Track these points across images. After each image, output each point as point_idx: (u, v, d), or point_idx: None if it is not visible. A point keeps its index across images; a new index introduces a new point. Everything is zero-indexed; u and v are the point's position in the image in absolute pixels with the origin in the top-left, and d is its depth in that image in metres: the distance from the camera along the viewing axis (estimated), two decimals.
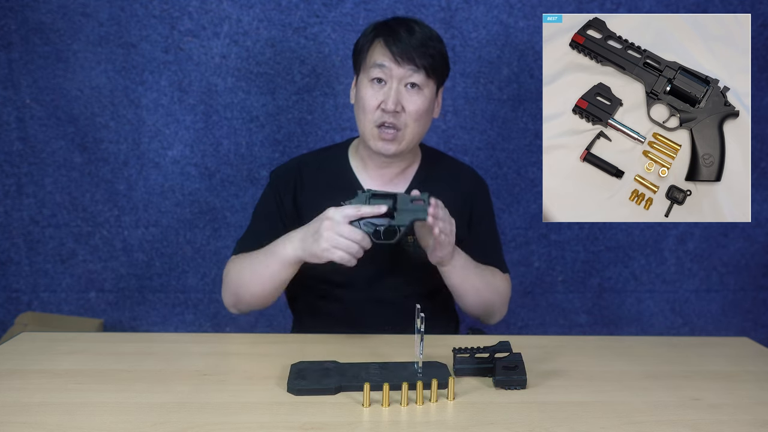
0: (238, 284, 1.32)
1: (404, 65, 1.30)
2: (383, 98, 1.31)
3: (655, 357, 1.22)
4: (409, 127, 1.33)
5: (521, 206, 2.15)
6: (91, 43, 2.01)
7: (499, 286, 1.40)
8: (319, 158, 1.47)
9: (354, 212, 1.15)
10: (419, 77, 1.31)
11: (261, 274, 1.28)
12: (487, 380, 1.08)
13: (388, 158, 1.37)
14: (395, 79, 1.31)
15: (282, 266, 1.25)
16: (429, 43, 1.32)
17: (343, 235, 1.14)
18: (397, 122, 1.32)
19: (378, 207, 1.15)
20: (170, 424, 0.90)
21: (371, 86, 1.33)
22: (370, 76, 1.33)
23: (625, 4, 2.06)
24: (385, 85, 1.32)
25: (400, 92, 1.31)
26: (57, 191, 2.08)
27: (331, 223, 1.15)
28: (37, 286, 2.12)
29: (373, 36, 1.35)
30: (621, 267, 2.20)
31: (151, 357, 1.17)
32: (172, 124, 2.06)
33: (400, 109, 1.31)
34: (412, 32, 1.32)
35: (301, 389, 1.00)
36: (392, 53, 1.30)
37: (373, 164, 1.40)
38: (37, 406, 0.96)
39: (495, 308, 1.40)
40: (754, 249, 2.21)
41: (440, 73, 1.36)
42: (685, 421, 0.95)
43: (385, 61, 1.31)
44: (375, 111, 1.32)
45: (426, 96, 1.33)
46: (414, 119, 1.32)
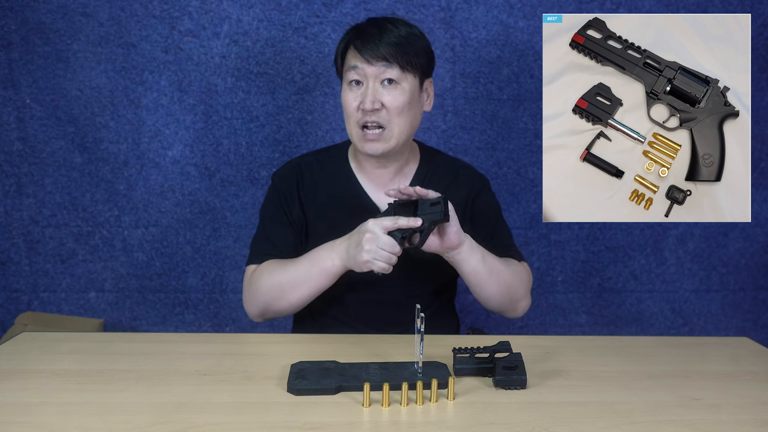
0: (273, 293, 1.32)
1: (375, 63, 1.30)
2: (361, 98, 1.32)
3: (655, 357, 1.22)
4: (393, 123, 1.32)
5: (521, 206, 2.15)
6: (91, 43, 2.01)
7: (518, 270, 1.39)
8: (319, 158, 1.47)
9: (392, 224, 1.20)
10: (393, 72, 1.31)
11: (303, 284, 1.30)
12: (487, 380, 1.08)
13: (380, 159, 1.37)
14: (370, 78, 1.32)
15: (326, 277, 1.29)
16: (402, 41, 1.31)
17: (384, 247, 1.19)
18: (379, 120, 1.32)
19: (414, 220, 1.20)
20: (170, 424, 0.90)
21: (350, 89, 1.34)
22: (347, 80, 1.34)
23: (625, 4, 2.06)
24: (363, 86, 1.33)
25: (377, 90, 1.31)
26: (57, 191, 2.08)
27: (372, 235, 1.20)
28: (37, 286, 2.12)
29: (345, 42, 1.36)
30: (621, 267, 2.20)
31: (151, 357, 1.17)
32: (172, 124, 2.06)
33: (379, 107, 1.31)
34: (384, 30, 1.32)
35: (301, 389, 1.00)
36: (362, 54, 1.31)
37: (370, 165, 1.41)
38: (37, 406, 0.96)
39: (519, 294, 1.38)
40: (754, 249, 2.21)
41: (419, 66, 1.34)
42: (685, 421, 0.95)
43: (358, 62, 1.32)
44: (356, 112, 1.33)
45: (405, 89, 1.32)
46: (396, 114, 1.32)
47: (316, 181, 1.43)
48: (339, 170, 1.44)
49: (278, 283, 1.31)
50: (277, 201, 1.42)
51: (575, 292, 2.20)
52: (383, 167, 1.40)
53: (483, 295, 1.35)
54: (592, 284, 2.20)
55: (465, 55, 2.07)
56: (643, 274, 2.21)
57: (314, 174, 1.44)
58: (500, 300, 1.36)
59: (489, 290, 1.34)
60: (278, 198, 1.42)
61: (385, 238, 1.19)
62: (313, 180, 1.43)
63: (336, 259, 1.27)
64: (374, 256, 1.20)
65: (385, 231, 1.20)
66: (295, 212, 1.41)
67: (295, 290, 1.31)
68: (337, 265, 1.27)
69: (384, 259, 1.20)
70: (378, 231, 1.20)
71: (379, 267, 1.20)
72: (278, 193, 1.43)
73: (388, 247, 1.19)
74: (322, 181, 1.43)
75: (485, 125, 2.11)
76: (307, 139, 2.09)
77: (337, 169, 1.44)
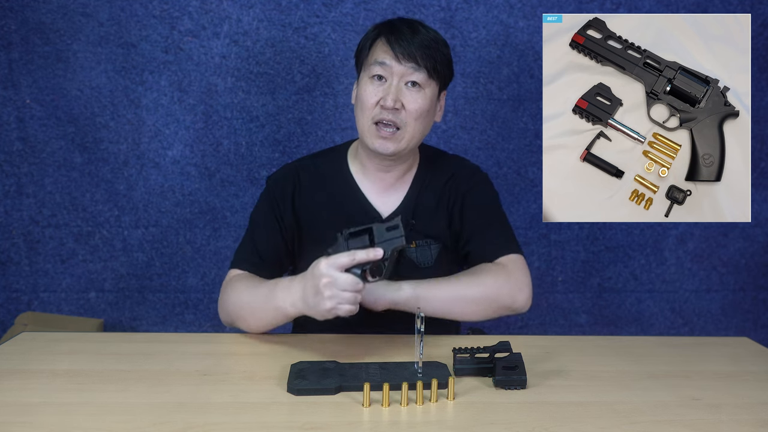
0: (235, 314, 1.29)
1: (405, 63, 1.28)
2: (383, 95, 1.29)
3: (655, 357, 1.22)
4: (409, 126, 1.30)
5: (521, 206, 2.15)
6: (91, 43, 2.01)
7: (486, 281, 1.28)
8: (317, 162, 1.43)
9: (349, 261, 1.08)
10: (420, 76, 1.29)
11: (259, 317, 1.25)
12: (487, 380, 1.08)
13: (388, 159, 1.34)
14: (396, 76, 1.29)
15: (282, 317, 1.22)
16: (432, 45, 1.30)
17: (345, 289, 1.08)
18: (396, 120, 1.29)
19: (374, 251, 1.08)
20: (170, 424, 0.90)
21: (371, 83, 1.30)
22: (370, 73, 1.31)
23: (625, 4, 2.06)
24: (386, 82, 1.30)
25: (400, 89, 1.29)
26: (57, 191, 2.08)
27: (328, 279, 1.08)
28: (37, 286, 2.12)
29: (375, 34, 1.33)
30: (621, 267, 2.20)
31: (151, 357, 1.17)
32: (172, 124, 2.06)
33: (399, 107, 1.28)
34: (416, 32, 1.30)
35: (301, 389, 1.00)
36: (394, 50, 1.28)
37: (373, 167, 1.37)
38: (37, 406, 0.96)
39: (503, 300, 1.28)
40: (754, 249, 2.21)
41: (443, 76, 1.33)
42: (685, 421, 0.95)
43: (386, 58, 1.29)
44: (374, 108, 1.30)
45: (427, 96, 1.30)
46: (414, 118, 1.30)
47: (313, 185, 1.40)
48: (338, 173, 1.41)
49: (241, 305, 1.27)
50: (268, 206, 1.39)
51: (575, 292, 2.20)
52: (386, 171, 1.37)
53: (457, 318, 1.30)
54: (592, 284, 2.20)
55: (465, 55, 2.07)
56: (643, 274, 2.21)
57: (312, 177, 1.40)
58: (481, 315, 1.30)
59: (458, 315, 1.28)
60: (270, 203, 1.39)
61: (344, 278, 1.07)
62: (311, 184, 1.40)
63: (292, 306, 1.16)
64: (338, 302, 1.08)
65: (342, 270, 1.08)
66: (287, 218, 1.38)
67: (252, 320, 1.26)
68: (291, 311, 1.17)
69: (349, 301, 1.08)
70: (334, 273, 1.07)
71: (345, 311, 1.09)
72: (270, 198, 1.39)
73: (350, 286, 1.08)
74: (320, 184, 1.40)
75: (485, 125, 2.11)
76: (307, 139, 2.09)
77: (336, 173, 1.41)
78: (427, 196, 1.39)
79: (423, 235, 1.37)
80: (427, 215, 1.38)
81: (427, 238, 1.38)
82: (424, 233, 1.37)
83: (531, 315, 2.21)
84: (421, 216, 1.37)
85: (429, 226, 1.38)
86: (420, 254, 1.37)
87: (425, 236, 1.37)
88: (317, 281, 1.09)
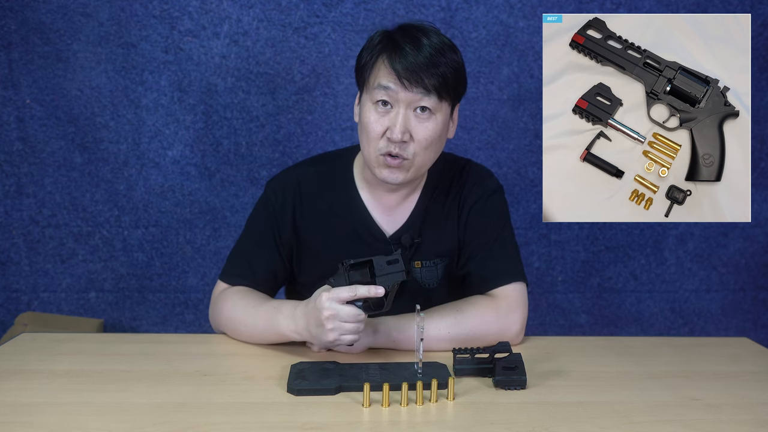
0: (230, 328, 1.26)
1: (412, 88, 1.14)
2: (389, 124, 1.16)
3: (655, 357, 1.22)
4: (418, 157, 1.18)
5: (521, 206, 2.15)
6: (91, 43, 2.01)
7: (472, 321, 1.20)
8: (320, 170, 1.32)
9: (349, 296, 1.06)
10: (430, 101, 1.16)
11: (258, 337, 1.22)
12: (487, 380, 1.08)
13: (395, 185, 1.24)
14: (402, 104, 1.15)
15: (282, 339, 1.19)
16: (440, 59, 1.16)
17: (347, 320, 1.07)
18: (403, 153, 1.17)
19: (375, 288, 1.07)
20: (170, 424, 0.90)
21: (375, 110, 1.17)
22: (374, 98, 1.17)
23: (625, 4, 2.06)
24: (392, 109, 1.16)
25: (408, 118, 1.16)
26: (57, 191, 2.08)
27: (331, 312, 1.06)
28: (37, 286, 2.12)
29: (377, 52, 1.18)
30: (621, 267, 2.20)
31: (151, 357, 1.17)
32: (172, 124, 2.06)
33: (408, 138, 1.16)
34: (420, 47, 1.15)
35: (301, 389, 1.00)
36: (397, 73, 1.14)
37: (380, 188, 1.27)
38: (38, 406, 0.96)
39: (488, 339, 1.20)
40: (754, 249, 2.21)
41: (455, 91, 1.20)
42: (685, 421, 0.95)
43: (390, 83, 1.15)
44: (380, 139, 1.17)
45: (438, 121, 1.18)
46: (423, 147, 1.18)
47: (315, 197, 1.30)
48: (342, 188, 1.30)
49: (237, 321, 1.23)
50: (266, 219, 1.30)
51: (575, 292, 2.20)
52: (394, 191, 1.28)
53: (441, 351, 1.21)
54: (592, 284, 2.20)
55: (465, 55, 2.05)
56: (643, 274, 2.21)
57: (314, 188, 1.30)
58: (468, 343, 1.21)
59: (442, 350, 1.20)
60: (268, 217, 1.30)
61: (346, 311, 1.06)
62: (313, 195, 1.30)
63: (296, 333, 1.15)
64: (340, 333, 1.08)
65: (343, 303, 1.06)
66: (285, 235, 1.29)
67: (251, 336, 1.23)
68: (297, 337, 1.16)
69: (351, 331, 1.08)
70: (336, 306, 1.06)
71: (348, 341, 1.09)
72: (269, 211, 1.30)
73: (352, 318, 1.07)
74: (322, 196, 1.30)
75: (485, 125, 2.11)
76: (307, 139, 2.09)
77: (340, 187, 1.30)
78: (434, 212, 1.31)
79: (429, 254, 1.29)
80: (435, 232, 1.30)
81: (434, 257, 1.30)
82: (431, 252, 1.29)
83: (531, 315, 2.19)
84: (428, 234, 1.29)
85: (436, 243, 1.30)
86: (425, 275, 1.30)
87: (432, 255, 1.29)
88: (319, 314, 1.07)
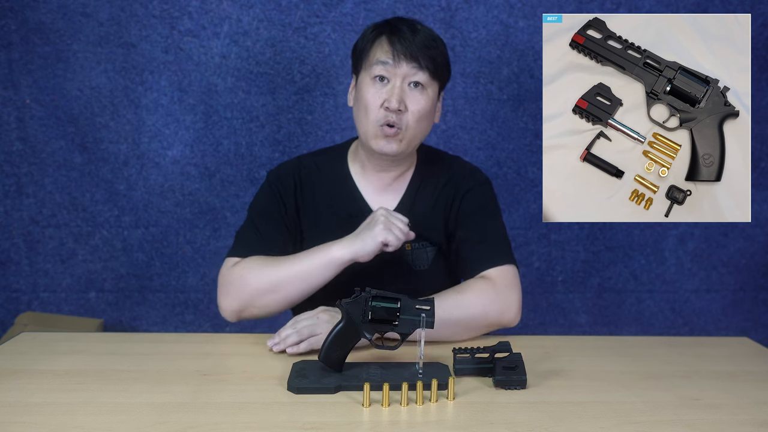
0: (263, 287, 1.25)
1: (408, 63, 1.27)
2: (386, 96, 1.27)
3: (655, 357, 1.22)
4: (410, 128, 1.29)
5: (521, 206, 2.15)
6: (91, 43, 2.01)
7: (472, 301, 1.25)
8: (317, 160, 1.43)
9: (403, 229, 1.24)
10: (423, 76, 1.28)
11: (302, 278, 1.24)
12: (487, 380, 1.08)
13: (389, 159, 1.34)
14: (399, 77, 1.28)
15: (331, 268, 1.24)
16: (433, 44, 1.29)
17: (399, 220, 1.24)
18: (398, 122, 1.28)
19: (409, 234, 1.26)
20: (170, 424, 0.90)
21: (373, 84, 1.29)
22: (372, 74, 1.29)
23: (625, 4, 2.06)
24: (388, 83, 1.28)
25: (404, 90, 1.28)
26: (57, 191, 2.08)
27: (385, 211, 1.25)
28: (37, 286, 2.12)
29: (375, 35, 1.31)
30: (621, 267, 2.20)
31: (151, 357, 1.17)
32: (172, 124, 2.06)
33: (403, 108, 1.28)
34: (416, 31, 1.29)
35: (301, 388, 1.01)
36: (395, 50, 1.27)
37: (372, 167, 1.37)
38: (38, 406, 0.96)
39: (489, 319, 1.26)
40: (754, 249, 2.21)
41: (442, 76, 1.33)
42: (685, 421, 0.95)
43: (389, 58, 1.27)
44: (378, 110, 1.28)
45: (429, 96, 1.30)
46: (416, 119, 1.29)
47: (314, 184, 1.40)
48: (337, 173, 1.41)
49: (270, 278, 1.25)
50: (272, 199, 1.38)
51: (575, 292, 2.20)
52: (385, 170, 1.37)
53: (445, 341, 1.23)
54: (592, 284, 2.20)
55: (465, 55, 2.07)
56: (643, 274, 2.21)
57: (312, 176, 1.40)
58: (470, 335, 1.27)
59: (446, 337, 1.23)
60: (273, 197, 1.38)
61: (398, 215, 1.25)
62: (311, 182, 1.40)
63: (343, 250, 1.23)
64: (388, 226, 1.22)
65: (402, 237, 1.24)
66: (290, 214, 1.37)
67: (292, 285, 1.25)
68: (344, 254, 1.23)
69: (399, 230, 1.23)
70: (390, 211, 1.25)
71: (393, 239, 1.22)
72: (274, 191, 1.38)
73: (403, 221, 1.24)
74: (320, 183, 1.40)
75: (485, 125, 2.11)
76: (307, 139, 2.09)
77: (336, 172, 1.41)
78: (423, 198, 1.39)
79: (419, 237, 1.35)
80: (423, 217, 1.37)
81: (422, 240, 1.37)
82: (420, 235, 1.35)
83: (531, 315, 2.21)
84: (417, 218, 1.35)
85: (425, 228, 1.36)
86: (416, 257, 1.36)
87: (421, 239, 1.36)
88: (374, 215, 1.25)
